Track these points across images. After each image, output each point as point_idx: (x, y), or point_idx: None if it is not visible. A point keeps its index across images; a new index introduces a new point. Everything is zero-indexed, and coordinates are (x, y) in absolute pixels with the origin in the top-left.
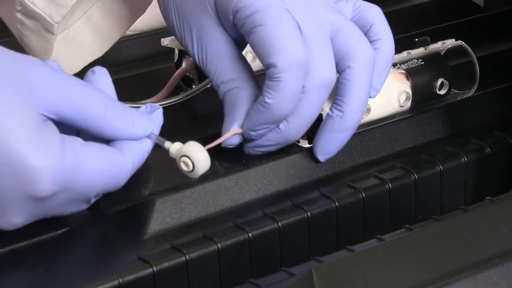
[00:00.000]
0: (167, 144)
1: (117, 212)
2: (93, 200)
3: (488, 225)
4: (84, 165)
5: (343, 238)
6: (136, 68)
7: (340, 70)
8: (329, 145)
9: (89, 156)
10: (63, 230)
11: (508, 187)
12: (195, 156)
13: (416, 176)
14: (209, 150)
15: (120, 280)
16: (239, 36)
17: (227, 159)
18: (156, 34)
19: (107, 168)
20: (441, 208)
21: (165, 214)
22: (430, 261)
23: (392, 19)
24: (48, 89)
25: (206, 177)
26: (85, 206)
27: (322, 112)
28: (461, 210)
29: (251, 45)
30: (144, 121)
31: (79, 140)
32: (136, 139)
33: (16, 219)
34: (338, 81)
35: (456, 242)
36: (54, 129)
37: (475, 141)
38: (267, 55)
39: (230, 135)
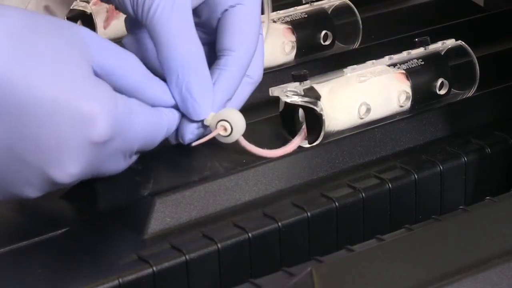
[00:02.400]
0: None
1: (117, 212)
2: (133, 158)
3: (488, 225)
4: (132, 114)
5: (343, 238)
6: None
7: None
8: None
9: (135, 107)
10: (63, 230)
11: (508, 187)
12: (232, 118)
13: (416, 176)
14: (210, 150)
15: (120, 280)
16: None
17: (227, 159)
18: None
19: (149, 120)
20: (441, 208)
21: (165, 214)
22: (430, 261)
23: (392, 19)
24: (97, 45)
25: (206, 177)
26: (126, 164)
27: (322, 112)
28: (461, 210)
29: None
30: None
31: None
32: (167, 107)
33: (74, 168)
34: None
35: (456, 242)
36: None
37: (475, 141)
38: None
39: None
